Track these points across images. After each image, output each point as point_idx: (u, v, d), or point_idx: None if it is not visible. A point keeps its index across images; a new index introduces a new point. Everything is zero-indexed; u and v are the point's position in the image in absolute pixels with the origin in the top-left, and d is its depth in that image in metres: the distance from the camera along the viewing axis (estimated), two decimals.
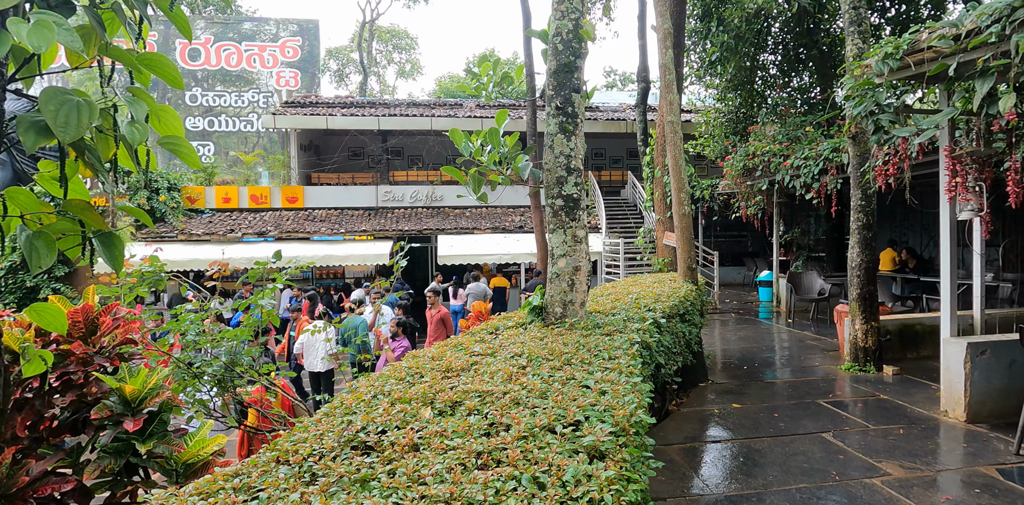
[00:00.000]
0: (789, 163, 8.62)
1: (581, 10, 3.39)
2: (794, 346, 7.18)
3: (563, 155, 3.33)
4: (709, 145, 13.57)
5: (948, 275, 4.24)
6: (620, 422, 1.65)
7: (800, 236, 13.37)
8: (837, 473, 3.28)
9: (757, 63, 12.85)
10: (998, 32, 2.87)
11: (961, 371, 4.03)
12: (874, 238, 5.48)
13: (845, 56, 5.81)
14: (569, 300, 3.33)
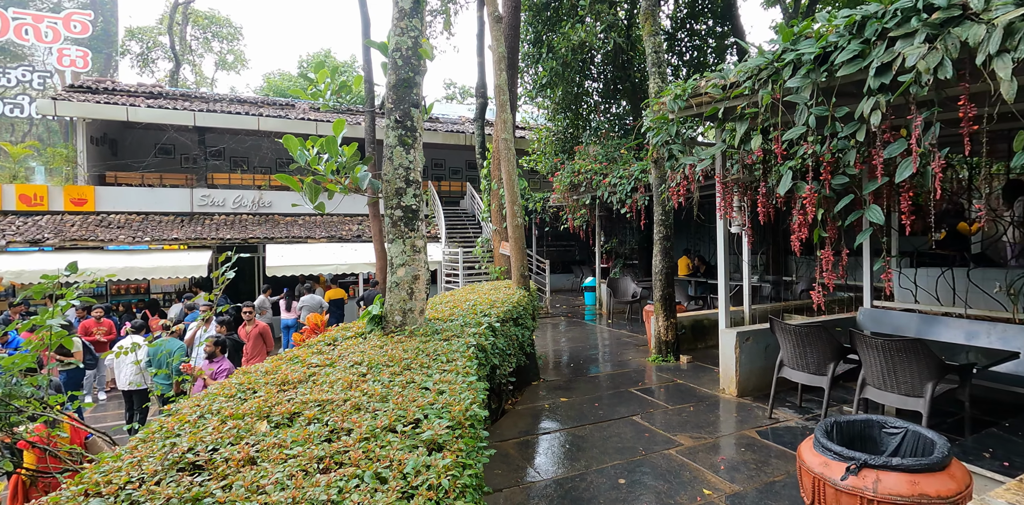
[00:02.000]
0: (608, 181, 9.70)
1: (420, 29, 3.53)
2: (613, 343, 8.06)
3: (402, 167, 3.43)
4: (541, 161, 14.64)
5: (723, 278, 5.18)
6: (457, 417, 1.80)
7: (618, 245, 15.02)
8: (644, 448, 3.82)
9: (582, 89, 14.21)
10: (750, 87, 3.66)
11: (733, 355, 4.95)
12: (672, 248, 6.45)
13: (649, 91, 6.78)
14: (408, 308, 3.42)
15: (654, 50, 6.62)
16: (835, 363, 4.02)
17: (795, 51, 3.32)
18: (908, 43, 2.67)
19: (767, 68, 3.51)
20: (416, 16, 3.54)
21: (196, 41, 31.78)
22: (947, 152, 2.71)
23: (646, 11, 6.78)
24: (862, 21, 2.97)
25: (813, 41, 3.25)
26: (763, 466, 3.49)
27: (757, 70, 3.59)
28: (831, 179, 3.14)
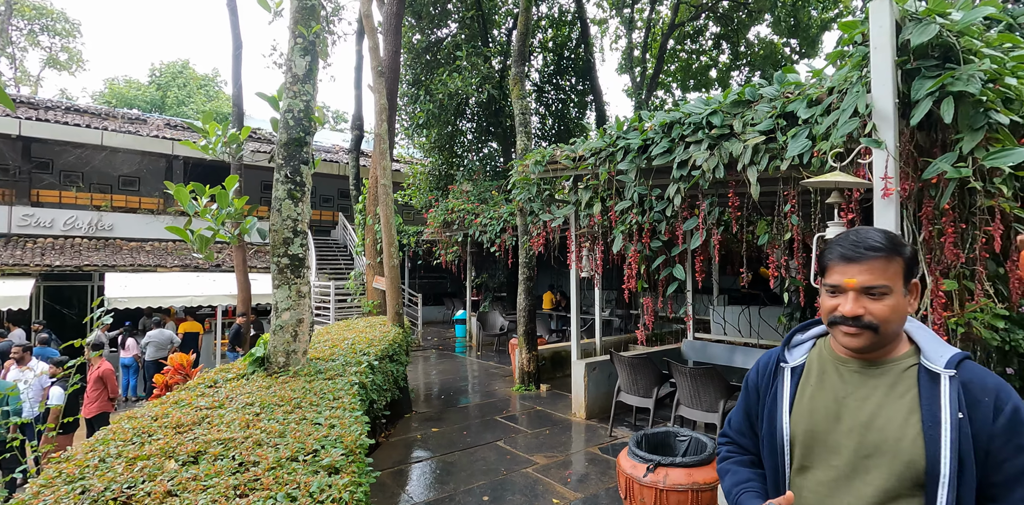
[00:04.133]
0: (479, 221, 10.42)
1: (312, 94, 3.91)
2: (481, 374, 8.59)
3: (290, 219, 3.72)
4: (416, 196, 15.12)
5: (575, 317, 6.00)
6: (349, 445, 2.18)
7: (488, 280, 15.82)
8: (505, 469, 4.35)
9: (457, 128, 15.03)
10: (593, 163, 4.53)
11: (582, 383, 5.73)
12: (535, 286, 7.23)
13: (516, 146, 7.64)
14: (292, 350, 3.66)
15: (521, 112, 7.52)
16: (658, 387, 4.93)
17: (625, 139, 4.23)
18: (698, 148, 3.64)
19: (606, 149, 4.40)
20: (309, 81, 3.91)
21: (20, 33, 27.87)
22: (723, 230, 3.68)
23: (515, 77, 7.70)
24: (670, 124, 3.94)
25: (639, 133, 4.18)
26: (602, 476, 4.19)
27: (598, 150, 4.47)
28: (650, 242, 4.03)
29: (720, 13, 15.99)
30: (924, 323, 2.53)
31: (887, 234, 1.10)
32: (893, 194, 2.13)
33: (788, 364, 1.26)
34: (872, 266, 1.06)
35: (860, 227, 1.14)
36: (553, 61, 16.39)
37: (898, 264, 1.07)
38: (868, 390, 1.12)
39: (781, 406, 1.21)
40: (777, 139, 3.12)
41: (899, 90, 2.19)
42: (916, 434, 1.03)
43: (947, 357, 1.07)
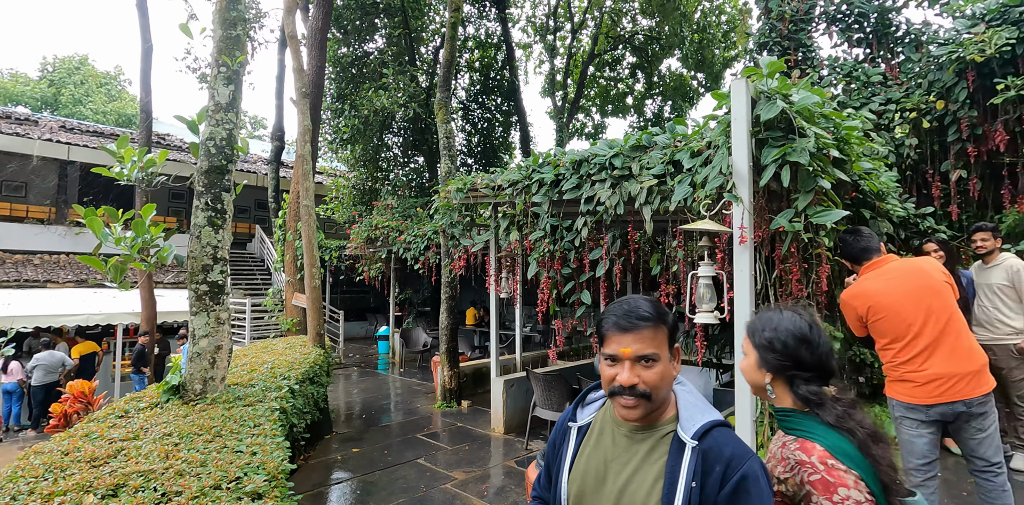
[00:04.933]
0: (403, 238, 10.51)
1: (236, 122, 3.97)
2: (404, 392, 8.65)
3: (210, 245, 3.75)
4: (339, 210, 14.90)
5: (494, 337, 6.27)
6: (272, 471, 2.31)
7: (413, 295, 15.80)
8: (425, 486, 4.51)
9: (383, 143, 15.01)
10: (510, 193, 4.86)
11: (501, 399, 6.00)
12: (457, 306, 7.45)
13: (439, 170, 7.88)
14: (210, 377, 3.66)
15: (445, 136, 7.78)
16: (569, 402, 5.29)
17: (540, 173, 4.59)
18: (602, 186, 4.05)
19: (522, 181, 4.74)
20: (232, 110, 3.97)
21: None
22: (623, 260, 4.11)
23: (439, 102, 7.96)
24: (580, 162, 4.34)
25: (552, 168, 4.56)
26: (517, 487, 4.45)
27: (515, 181, 4.81)
28: (561, 269, 4.40)
29: (636, 45, 17.15)
30: None
31: (654, 304, 1.17)
32: (748, 241, 2.58)
33: (575, 423, 1.28)
34: (643, 335, 1.11)
35: (630, 296, 1.19)
36: (479, 81, 16.84)
37: (663, 332, 1.13)
38: (630, 455, 1.15)
39: (563, 465, 1.24)
40: (668, 182, 3.57)
41: (753, 155, 2.66)
42: (656, 503, 1.07)
43: (697, 426, 1.11)
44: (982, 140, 5.50)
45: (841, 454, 1.16)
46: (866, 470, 1.15)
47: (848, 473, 1.14)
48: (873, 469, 1.16)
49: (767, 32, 6.93)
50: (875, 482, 1.15)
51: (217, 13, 3.98)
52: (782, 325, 1.31)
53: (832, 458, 1.16)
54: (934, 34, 6.51)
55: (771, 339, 1.30)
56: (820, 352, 1.27)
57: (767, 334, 1.31)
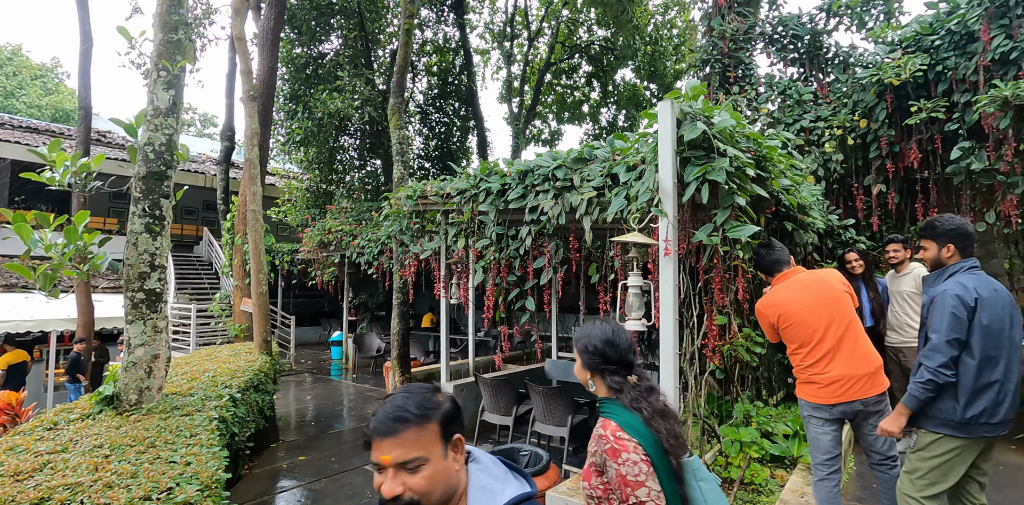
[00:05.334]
0: (356, 242, 10.42)
1: (176, 128, 3.92)
2: (357, 398, 8.57)
3: (147, 253, 3.68)
4: (292, 213, 14.61)
5: (445, 344, 6.33)
6: (205, 481, 2.32)
7: (368, 299, 15.62)
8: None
9: (339, 144, 14.81)
10: (459, 201, 4.95)
11: None
12: (409, 311, 7.46)
13: (393, 176, 7.89)
14: (146, 386, 3.59)
15: (398, 141, 7.80)
16: (517, 406, 5.40)
17: (487, 182, 4.70)
18: (545, 196, 4.19)
19: (470, 190, 4.84)
20: (172, 115, 3.92)
21: None
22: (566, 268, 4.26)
23: (393, 108, 7.99)
24: (525, 173, 4.47)
25: (499, 177, 4.67)
26: None
27: (463, 190, 4.90)
28: (507, 277, 4.51)
29: (592, 55, 17.55)
30: (704, 350, 3.23)
31: (422, 398, 1.10)
32: (672, 253, 2.76)
33: None
34: (405, 438, 1.04)
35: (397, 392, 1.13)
36: (437, 85, 16.86)
37: (432, 430, 1.06)
38: None
39: None
40: (606, 195, 3.74)
41: (678, 173, 2.85)
42: None
43: None
44: (899, 157, 5.94)
45: (628, 427, 1.46)
46: (647, 439, 1.45)
47: (630, 441, 1.43)
48: (655, 438, 1.46)
49: (709, 49, 7.27)
50: (655, 447, 1.45)
51: (157, 16, 3.92)
52: (594, 332, 1.63)
53: (621, 431, 1.46)
54: (860, 57, 6.99)
55: (587, 344, 1.62)
56: (621, 349, 1.59)
57: (584, 340, 1.63)
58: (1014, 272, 6.15)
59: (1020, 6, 4.83)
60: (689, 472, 1.51)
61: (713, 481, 1.56)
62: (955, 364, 2.30)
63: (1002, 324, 2.29)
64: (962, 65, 5.34)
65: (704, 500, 1.51)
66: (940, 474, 2.37)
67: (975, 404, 2.27)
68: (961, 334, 2.28)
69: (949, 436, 2.34)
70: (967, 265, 2.43)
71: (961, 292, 2.33)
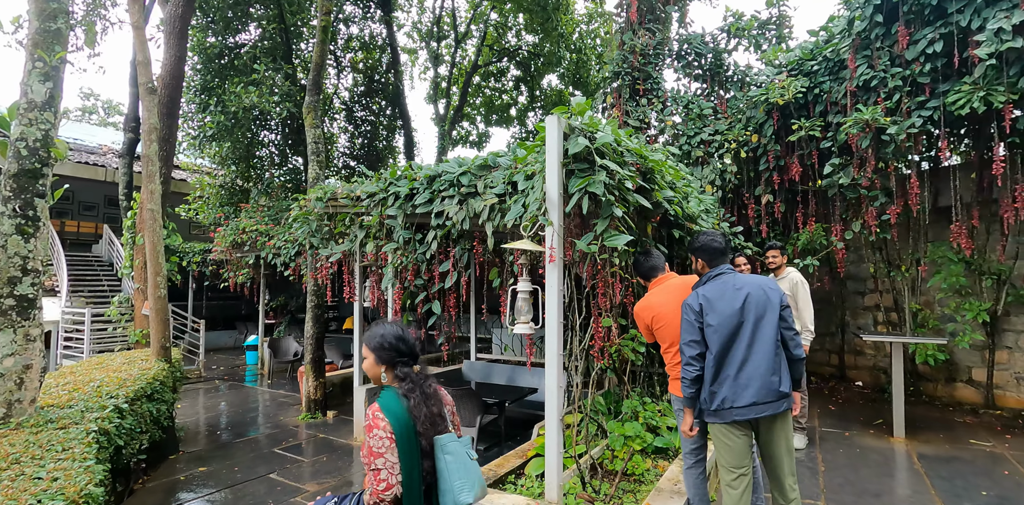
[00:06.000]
0: (272, 243, 10.05)
1: (53, 122, 3.68)
2: (270, 405, 8.29)
3: (19, 256, 3.44)
4: (204, 211, 13.85)
5: (357, 343, 6.27)
6: (71, 497, 2.23)
7: (287, 301, 15.09)
8: (273, 501, 4.43)
9: (257, 140, 14.18)
10: (368, 204, 4.94)
11: (363, 407, 6.02)
12: (326, 315, 7.32)
13: (308, 176, 7.71)
14: (17, 399, 3.36)
15: (314, 140, 7.63)
16: None
17: (396, 186, 4.72)
18: (451, 202, 4.28)
19: (379, 193, 4.84)
20: (49, 109, 3.68)
21: None
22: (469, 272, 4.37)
23: (308, 106, 7.80)
24: (432, 178, 4.53)
25: (407, 182, 4.71)
26: None
27: (373, 193, 4.90)
28: (414, 280, 4.56)
29: (519, 59, 17.81)
30: (591, 350, 3.43)
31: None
32: (557, 259, 2.93)
33: None
34: None
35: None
36: (363, 82, 16.53)
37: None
38: None
39: None
40: (507, 202, 3.88)
41: (564, 184, 3.02)
42: None
43: None
44: (784, 170, 6.52)
45: (386, 410, 1.80)
46: (401, 421, 1.79)
47: (383, 420, 1.78)
48: (410, 421, 1.81)
49: (620, 62, 7.63)
50: (408, 429, 1.79)
51: (33, 3, 3.66)
52: (387, 332, 1.93)
53: (379, 411, 1.80)
54: (755, 76, 7.59)
55: (382, 342, 1.91)
56: (411, 344, 1.95)
57: (378, 340, 1.92)
58: (878, 275, 6.90)
59: (879, 39, 5.45)
60: (439, 448, 1.83)
61: (460, 455, 1.85)
62: (701, 360, 2.63)
63: (732, 323, 2.59)
64: (835, 89, 5.94)
65: (448, 470, 1.81)
66: (728, 458, 2.68)
67: (719, 393, 2.59)
68: (695, 336, 2.64)
69: (715, 424, 2.69)
70: (713, 273, 2.80)
71: (691, 300, 2.70)
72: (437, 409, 1.89)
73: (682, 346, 2.66)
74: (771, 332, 2.57)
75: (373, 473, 1.75)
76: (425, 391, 1.87)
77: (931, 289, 6.54)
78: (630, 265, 3.26)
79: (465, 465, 1.84)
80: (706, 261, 2.83)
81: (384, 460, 1.74)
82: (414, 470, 1.77)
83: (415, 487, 1.77)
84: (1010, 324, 6.08)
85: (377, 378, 1.94)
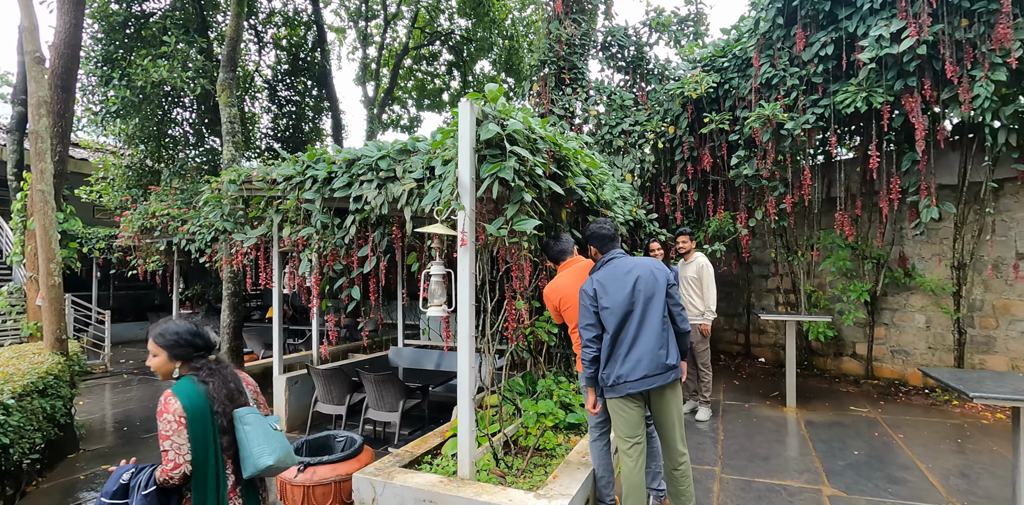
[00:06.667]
0: (186, 228, 9.49)
1: None
2: None
3: None
4: (108, 194, 12.83)
5: (277, 330, 6.10)
6: None
7: (206, 290, 14.30)
8: None
9: (169, 117, 13.23)
10: (284, 188, 4.78)
11: (283, 397, 5.89)
12: (241, 302, 7.05)
13: (223, 158, 7.33)
14: None
15: (229, 120, 7.26)
16: (351, 395, 5.42)
17: (314, 170, 4.60)
18: (369, 186, 4.23)
19: (296, 177, 4.70)
20: None
21: None
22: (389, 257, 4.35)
23: (223, 82, 7.39)
24: (351, 161, 4.45)
25: (326, 165, 4.60)
26: None
27: (290, 177, 4.75)
28: (333, 266, 4.49)
29: (452, 44, 17.56)
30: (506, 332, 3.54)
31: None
32: (468, 243, 2.99)
33: None
34: None
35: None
36: (288, 60, 15.76)
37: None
38: None
39: None
40: (425, 186, 3.89)
41: (476, 169, 3.08)
42: None
43: None
44: (698, 161, 6.88)
45: (180, 395, 1.90)
46: (196, 404, 1.90)
47: (174, 405, 1.88)
48: (206, 404, 1.93)
49: (547, 51, 7.73)
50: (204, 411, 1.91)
51: None
52: (180, 329, 2.02)
53: (172, 397, 1.89)
54: (673, 70, 7.92)
55: (177, 340, 2.00)
56: (206, 338, 2.07)
57: (173, 337, 2.00)
58: (779, 259, 7.47)
59: (780, 40, 5.84)
60: (237, 420, 1.96)
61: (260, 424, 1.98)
62: (598, 342, 2.82)
63: (624, 305, 2.78)
64: (742, 85, 6.31)
65: (247, 438, 1.94)
66: (623, 428, 2.89)
67: (614, 370, 2.80)
68: (591, 319, 2.82)
69: (611, 398, 2.90)
70: (605, 259, 3.00)
71: (586, 286, 2.89)
72: (235, 386, 2.03)
73: (580, 329, 2.81)
74: (659, 310, 2.77)
75: (163, 454, 1.87)
76: (224, 374, 2.01)
77: (823, 272, 7.16)
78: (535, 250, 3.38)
79: (266, 433, 1.97)
80: (598, 247, 2.99)
81: (171, 442, 1.85)
82: (209, 447, 1.91)
83: (210, 463, 1.92)
84: (887, 303, 6.78)
85: (169, 373, 2.03)
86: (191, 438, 1.87)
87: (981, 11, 4.74)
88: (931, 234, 6.39)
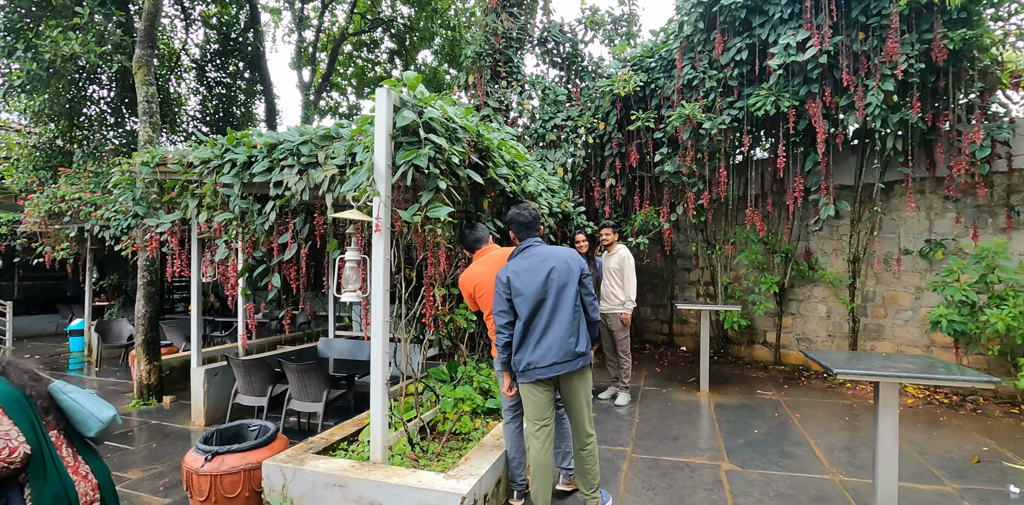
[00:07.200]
0: (100, 214, 8.92)
1: None
2: (97, 393, 7.41)
3: None
4: (12, 175, 11.87)
5: (196, 321, 5.88)
6: None
7: (122, 280, 13.48)
8: None
9: (84, 94, 12.35)
10: (201, 172, 4.60)
11: (201, 390, 5.70)
12: (158, 293, 6.72)
13: (139, 140, 6.95)
14: None
15: (146, 99, 6.88)
16: (272, 386, 5.32)
17: (233, 153, 4.46)
18: (291, 172, 4.15)
19: (214, 160, 4.54)
20: None
21: None
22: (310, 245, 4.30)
23: (139, 59, 6.99)
24: (273, 146, 4.35)
25: (246, 149, 4.47)
26: None
27: (207, 160, 4.58)
28: (253, 253, 4.38)
29: (394, 32, 17.24)
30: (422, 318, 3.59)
31: None
32: (383, 229, 3.02)
33: None
34: None
35: None
36: (218, 40, 15.03)
37: None
38: None
39: None
40: (346, 173, 3.86)
41: (393, 156, 3.10)
42: None
43: None
44: (625, 157, 7.14)
45: None
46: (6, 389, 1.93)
47: None
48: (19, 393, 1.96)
49: (483, 43, 7.77)
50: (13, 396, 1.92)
51: None
52: None
53: None
54: (606, 68, 8.14)
55: None
56: None
57: None
58: (700, 253, 7.87)
59: (701, 44, 6.14)
60: (56, 393, 2.07)
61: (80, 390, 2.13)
62: (510, 328, 2.92)
63: (537, 294, 2.88)
64: (667, 85, 6.59)
65: (76, 402, 2.07)
66: (532, 411, 3.02)
67: (525, 357, 2.91)
68: (504, 306, 2.92)
69: (522, 383, 3.02)
70: (522, 246, 3.09)
71: (501, 274, 2.97)
72: (30, 369, 2.11)
73: (494, 315, 2.90)
74: (571, 299, 2.89)
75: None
76: (15, 363, 2.09)
77: (738, 265, 7.62)
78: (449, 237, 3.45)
79: (91, 395, 2.13)
80: (516, 233, 3.08)
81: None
82: (37, 431, 1.96)
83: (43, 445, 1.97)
84: (794, 294, 7.31)
85: None
86: (17, 424, 1.90)
87: (875, 26, 5.17)
88: (831, 230, 6.92)
